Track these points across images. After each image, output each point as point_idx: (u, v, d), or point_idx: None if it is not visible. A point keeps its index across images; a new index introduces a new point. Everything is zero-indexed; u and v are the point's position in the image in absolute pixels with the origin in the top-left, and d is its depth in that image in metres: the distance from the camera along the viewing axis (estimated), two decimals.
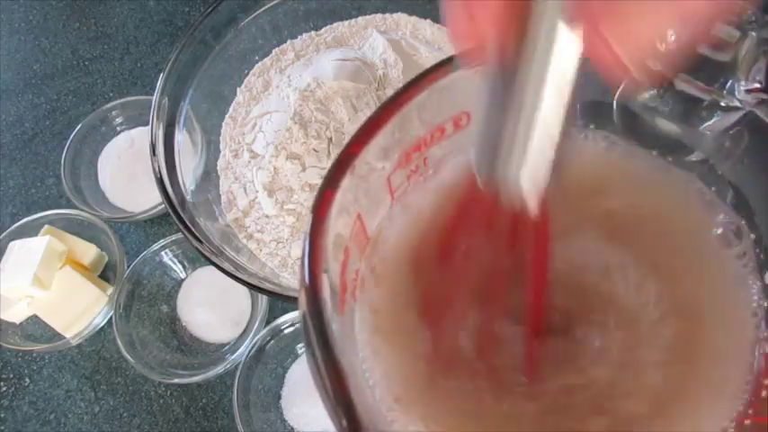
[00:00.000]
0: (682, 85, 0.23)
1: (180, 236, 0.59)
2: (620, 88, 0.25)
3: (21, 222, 0.62)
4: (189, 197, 0.50)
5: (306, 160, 0.52)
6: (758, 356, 0.25)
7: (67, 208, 0.63)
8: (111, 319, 0.57)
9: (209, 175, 0.55)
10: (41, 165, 0.69)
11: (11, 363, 0.60)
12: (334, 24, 0.61)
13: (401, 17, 0.61)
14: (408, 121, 0.25)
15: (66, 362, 0.59)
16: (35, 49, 0.76)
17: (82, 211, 0.62)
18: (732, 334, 0.26)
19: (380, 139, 0.24)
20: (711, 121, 0.23)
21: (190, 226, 0.46)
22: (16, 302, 0.58)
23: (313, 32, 0.61)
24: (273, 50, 0.60)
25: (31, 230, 0.61)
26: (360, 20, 0.61)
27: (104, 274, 0.63)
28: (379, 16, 0.61)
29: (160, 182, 0.48)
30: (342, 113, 0.53)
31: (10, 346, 0.57)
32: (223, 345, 0.59)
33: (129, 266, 0.59)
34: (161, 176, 0.48)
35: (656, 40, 0.16)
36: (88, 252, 0.61)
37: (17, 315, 0.59)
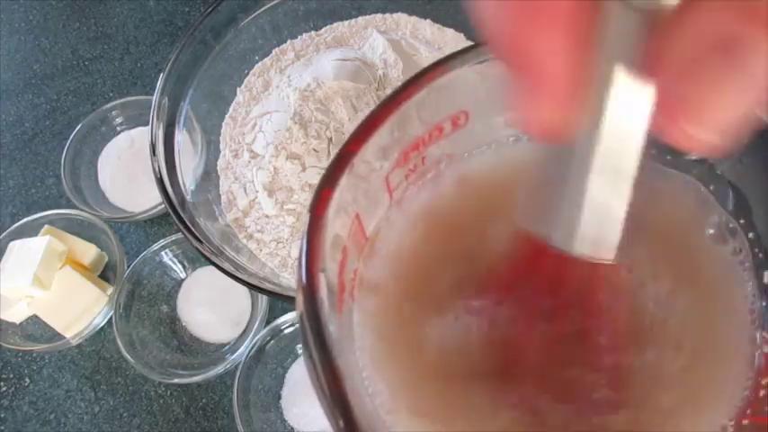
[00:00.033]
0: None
1: (180, 236, 0.59)
2: None
3: (21, 222, 0.62)
4: (189, 197, 0.50)
5: (306, 160, 0.52)
6: (758, 356, 0.25)
7: (67, 208, 0.63)
8: (111, 319, 0.57)
9: (209, 175, 0.55)
10: (41, 165, 0.69)
11: (11, 363, 0.60)
12: (334, 24, 0.61)
13: (401, 17, 0.61)
14: (407, 120, 0.25)
15: (66, 362, 0.59)
16: (35, 49, 0.76)
17: (82, 211, 0.62)
18: (730, 333, 0.26)
19: (379, 137, 0.24)
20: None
21: (190, 226, 0.46)
22: (16, 302, 0.58)
23: (313, 32, 0.61)
24: (273, 50, 0.60)
25: (31, 230, 0.61)
26: (360, 20, 0.61)
27: (104, 274, 0.63)
28: (379, 16, 0.61)
29: (160, 182, 0.48)
30: (342, 113, 0.53)
31: (10, 346, 0.57)
32: (223, 345, 0.59)
33: (129, 266, 0.59)
34: (161, 176, 0.48)
35: (737, 120, 0.15)
36: (88, 252, 0.61)
37: (17, 315, 0.59)
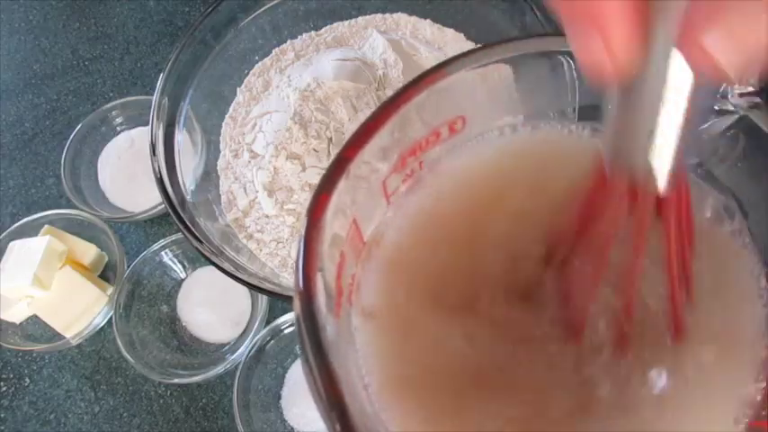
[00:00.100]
0: None
1: (180, 236, 0.59)
2: None
3: (21, 222, 0.62)
4: (189, 197, 0.50)
5: (306, 160, 0.52)
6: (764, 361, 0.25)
7: (67, 208, 0.63)
8: (111, 319, 0.57)
9: (209, 175, 0.55)
10: (41, 165, 0.69)
11: (11, 363, 0.60)
12: (334, 24, 0.61)
13: (401, 17, 0.61)
14: (408, 122, 0.25)
15: (66, 362, 0.59)
16: (35, 49, 0.76)
17: (82, 211, 0.62)
18: (742, 326, 0.25)
19: (379, 139, 0.24)
20: (706, 125, 0.23)
21: (190, 226, 0.46)
22: (16, 302, 0.58)
23: (313, 32, 0.61)
24: (273, 50, 0.60)
25: (31, 230, 0.61)
26: (360, 20, 0.61)
27: (104, 274, 0.63)
28: (379, 16, 0.61)
29: (160, 182, 0.48)
30: (342, 113, 0.53)
31: (10, 346, 0.57)
32: (223, 345, 0.59)
33: (129, 266, 0.59)
34: (161, 176, 0.48)
35: (761, 47, 0.15)
36: (88, 252, 0.61)
37: (17, 315, 0.59)
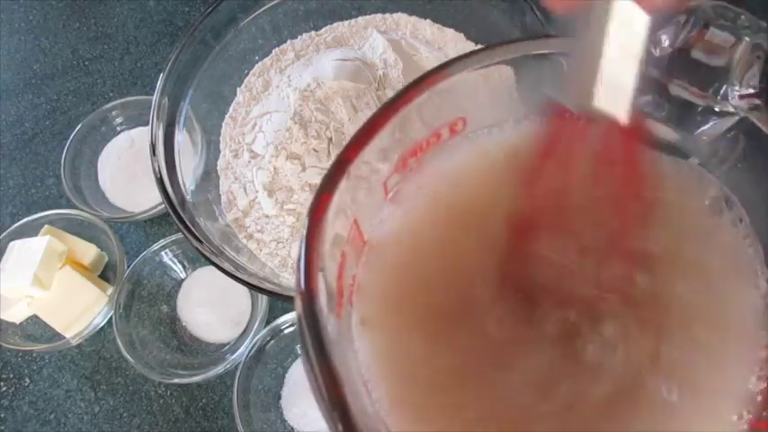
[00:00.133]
0: (676, 91, 0.23)
1: (180, 236, 0.59)
2: None
3: (21, 222, 0.62)
4: (189, 197, 0.50)
5: (306, 160, 0.52)
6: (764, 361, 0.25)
7: (67, 208, 0.63)
8: (111, 319, 0.57)
9: (209, 175, 0.55)
10: (41, 165, 0.69)
11: (11, 363, 0.60)
12: (334, 24, 0.61)
13: (401, 17, 0.61)
14: (408, 122, 0.25)
15: (66, 362, 0.59)
16: (35, 49, 0.76)
17: (82, 211, 0.62)
18: (740, 321, 0.25)
19: (380, 140, 0.24)
20: (706, 127, 0.23)
21: (190, 226, 0.46)
22: (16, 302, 0.58)
23: (313, 32, 0.61)
24: (273, 50, 0.60)
25: (31, 230, 0.61)
26: (360, 20, 0.61)
27: (104, 274, 0.63)
28: (379, 16, 0.61)
29: (160, 182, 0.48)
30: (342, 113, 0.53)
31: (10, 346, 0.57)
32: (223, 345, 0.59)
33: (129, 266, 0.59)
34: (161, 176, 0.48)
35: None
36: (88, 252, 0.61)
37: (17, 315, 0.59)
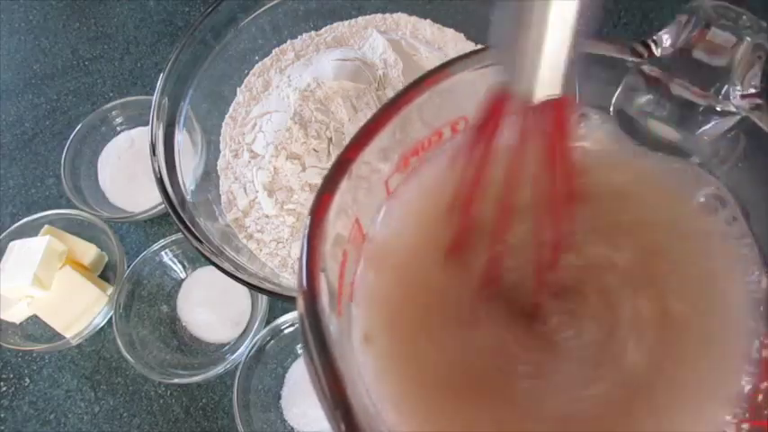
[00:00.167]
0: (678, 90, 0.23)
1: (180, 236, 0.59)
2: (617, 93, 0.26)
3: (21, 222, 0.62)
4: (189, 197, 0.50)
5: (306, 160, 0.52)
6: (755, 350, 0.25)
7: (67, 208, 0.63)
8: (111, 319, 0.57)
9: (209, 175, 0.55)
10: (41, 165, 0.69)
11: (11, 363, 0.60)
12: (334, 24, 0.61)
13: (401, 17, 0.61)
14: (409, 122, 0.25)
15: (66, 362, 0.59)
16: (35, 49, 0.76)
17: (82, 211, 0.62)
18: (727, 326, 0.25)
19: (380, 140, 0.24)
20: (708, 126, 0.23)
21: (190, 226, 0.46)
22: (16, 302, 0.58)
23: (313, 32, 0.61)
24: (273, 50, 0.60)
25: (31, 230, 0.61)
26: (360, 20, 0.61)
27: (104, 274, 0.63)
28: (379, 16, 0.61)
29: (160, 182, 0.48)
30: (342, 113, 0.53)
31: (10, 346, 0.57)
32: (223, 345, 0.59)
33: (129, 266, 0.59)
34: (161, 176, 0.48)
35: None
36: (88, 252, 0.61)
37: (17, 315, 0.59)
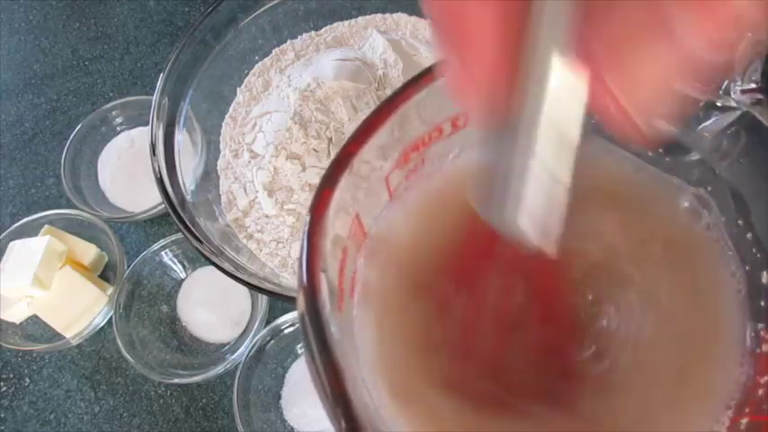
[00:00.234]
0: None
1: (180, 236, 0.59)
2: None
3: (21, 222, 0.62)
4: (189, 197, 0.50)
5: (306, 160, 0.52)
6: (749, 344, 0.25)
7: (67, 208, 0.63)
8: (111, 319, 0.57)
9: (209, 175, 0.55)
10: (41, 165, 0.69)
11: (11, 363, 0.60)
12: (334, 24, 0.61)
13: (401, 17, 0.61)
14: (408, 120, 0.25)
15: (66, 362, 0.59)
16: (35, 49, 0.76)
17: (82, 211, 0.62)
18: (717, 326, 0.25)
19: (379, 138, 0.24)
20: (708, 122, 0.23)
21: (190, 226, 0.46)
22: (16, 302, 0.58)
23: (313, 32, 0.61)
24: (273, 50, 0.60)
25: (31, 230, 0.61)
26: (360, 20, 0.61)
27: (104, 274, 0.63)
28: (379, 16, 0.61)
29: (160, 182, 0.48)
30: (342, 113, 0.53)
31: (10, 346, 0.57)
32: (223, 345, 0.59)
33: (129, 266, 0.59)
34: (161, 176, 0.48)
35: (662, 91, 0.14)
36: (88, 252, 0.61)
37: (17, 315, 0.59)
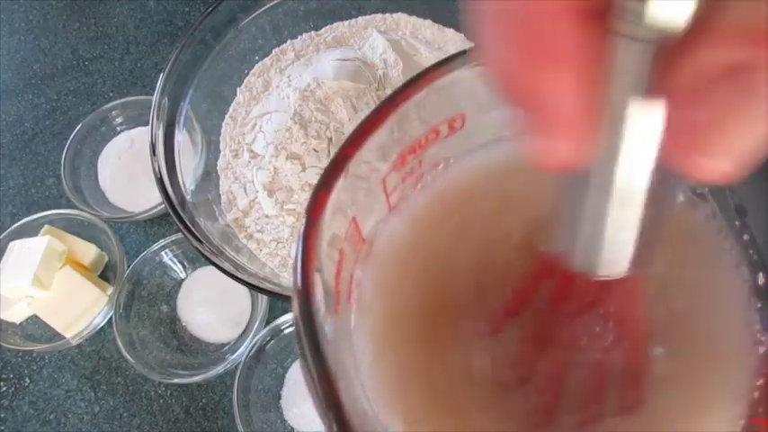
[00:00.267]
0: None
1: (180, 236, 0.59)
2: None
3: (21, 222, 0.62)
4: (189, 197, 0.50)
5: (306, 160, 0.52)
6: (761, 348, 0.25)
7: (67, 208, 0.63)
8: (111, 319, 0.57)
9: (209, 175, 0.55)
10: (41, 165, 0.69)
11: (11, 363, 0.60)
12: (334, 24, 0.61)
13: (401, 17, 0.61)
14: (407, 120, 0.25)
15: (66, 362, 0.59)
16: (35, 49, 0.76)
17: (82, 211, 0.62)
18: (727, 326, 0.25)
19: (378, 138, 0.23)
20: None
21: (190, 226, 0.46)
22: (16, 302, 0.58)
23: (313, 32, 0.61)
24: (273, 50, 0.60)
25: (31, 230, 0.61)
26: (360, 20, 0.61)
27: (104, 274, 0.63)
28: (379, 16, 0.61)
29: (160, 182, 0.48)
30: (342, 113, 0.53)
31: (10, 346, 0.57)
32: (223, 345, 0.59)
33: (129, 266, 0.59)
34: (161, 176, 0.48)
35: (752, 149, 0.15)
36: (88, 252, 0.61)
37: (17, 315, 0.59)
